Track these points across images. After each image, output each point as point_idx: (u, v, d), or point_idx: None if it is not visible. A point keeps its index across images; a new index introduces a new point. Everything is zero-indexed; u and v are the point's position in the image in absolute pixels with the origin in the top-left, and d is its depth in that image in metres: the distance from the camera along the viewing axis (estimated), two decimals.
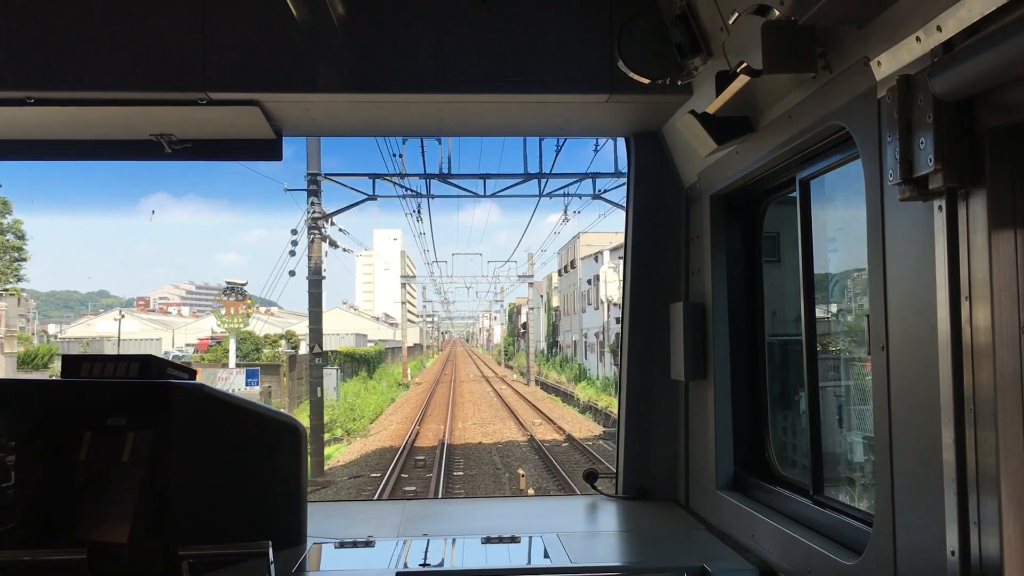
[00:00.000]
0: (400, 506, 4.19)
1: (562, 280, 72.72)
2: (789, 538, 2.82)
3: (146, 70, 3.38)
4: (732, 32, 2.77)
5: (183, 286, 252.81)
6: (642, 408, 4.17)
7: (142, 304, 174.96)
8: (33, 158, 3.99)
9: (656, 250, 4.11)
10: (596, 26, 3.47)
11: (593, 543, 3.48)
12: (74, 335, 66.37)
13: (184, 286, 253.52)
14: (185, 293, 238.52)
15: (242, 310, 35.36)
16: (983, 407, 1.87)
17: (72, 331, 79.45)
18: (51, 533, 2.96)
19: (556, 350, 73.94)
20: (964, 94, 1.82)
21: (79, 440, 3.05)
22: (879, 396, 2.25)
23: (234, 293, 35.67)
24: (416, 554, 3.18)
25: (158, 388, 3.04)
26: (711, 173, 3.58)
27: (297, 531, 3.29)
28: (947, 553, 1.94)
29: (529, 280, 66.70)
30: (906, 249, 2.11)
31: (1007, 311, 1.87)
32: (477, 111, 3.81)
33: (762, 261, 3.64)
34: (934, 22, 1.89)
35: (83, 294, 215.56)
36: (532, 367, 61.55)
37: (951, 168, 1.86)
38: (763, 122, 2.95)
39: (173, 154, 3.87)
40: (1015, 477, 1.84)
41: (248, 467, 3.18)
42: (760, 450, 3.57)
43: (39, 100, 3.40)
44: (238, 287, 35.91)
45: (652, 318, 4.09)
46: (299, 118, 3.79)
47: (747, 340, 3.65)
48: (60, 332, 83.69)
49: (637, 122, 3.97)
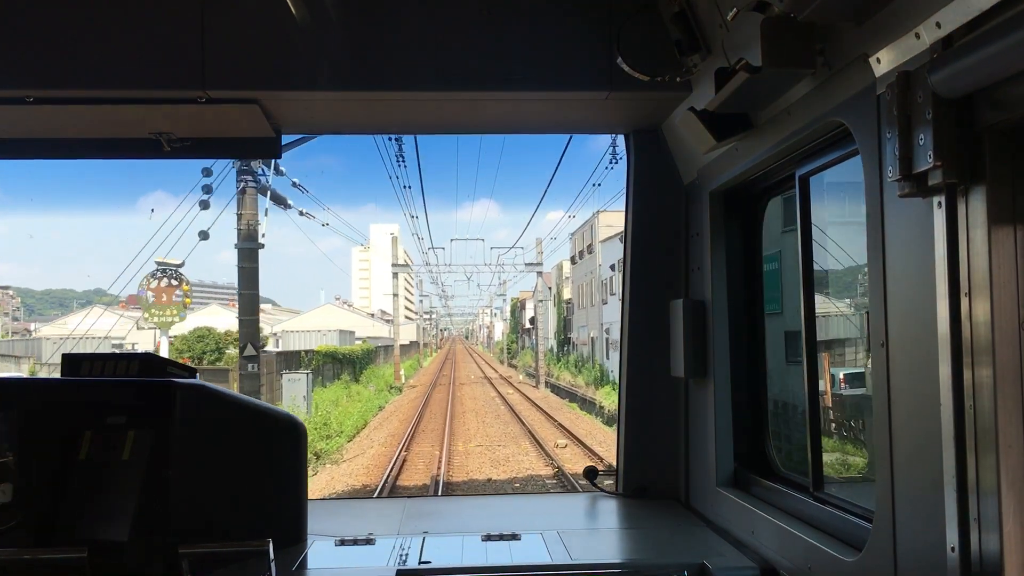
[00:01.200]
0: (400, 504, 4.20)
1: (576, 269, 64.52)
2: (789, 535, 2.82)
3: (145, 69, 3.38)
4: (731, 29, 2.77)
5: None
6: (642, 405, 4.17)
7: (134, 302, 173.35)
8: (33, 157, 3.98)
9: (656, 247, 4.11)
10: (595, 23, 3.47)
11: (593, 540, 3.48)
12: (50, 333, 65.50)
13: None
14: None
15: (176, 299, 26.27)
16: (983, 403, 1.88)
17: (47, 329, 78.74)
18: (51, 533, 2.96)
19: (568, 348, 66.84)
20: (963, 90, 1.82)
21: (79, 439, 3.05)
22: (879, 392, 2.25)
23: (165, 276, 26.08)
24: (416, 552, 3.18)
25: (159, 387, 3.04)
26: (711, 170, 3.58)
27: (297, 529, 3.29)
28: (947, 549, 1.94)
29: (537, 269, 57.15)
30: (906, 246, 2.11)
31: (1007, 307, 1.87)
32: (476, 108, 3.80)
33: (762, 257, 3.64)
34: (933, 18, 1.88)
35: (79, 292, 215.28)
36: (542, 367, 54.13)
37: (950, 164, 1.86)
38: (762, 119, 2.95)
39: (172, 152, 3.86)
40: (1015, 473, 1.85)
41: (248, 465, 3.18)
42: (760, 447, 3.58)
43: (39, 99, 3.39)
44: (171, 269, 26.18)
45: (652, 315, 4.09)
46: (298, 116, 3.79)
47: (747, 337, 3.65)
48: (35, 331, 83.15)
49: (636, 119, 3.96)
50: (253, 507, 3.16)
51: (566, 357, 62.83)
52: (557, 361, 62.94)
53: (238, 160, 19.57)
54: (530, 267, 57.07)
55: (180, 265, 26.51)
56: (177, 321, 27.12)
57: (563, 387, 48.61)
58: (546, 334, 60.16)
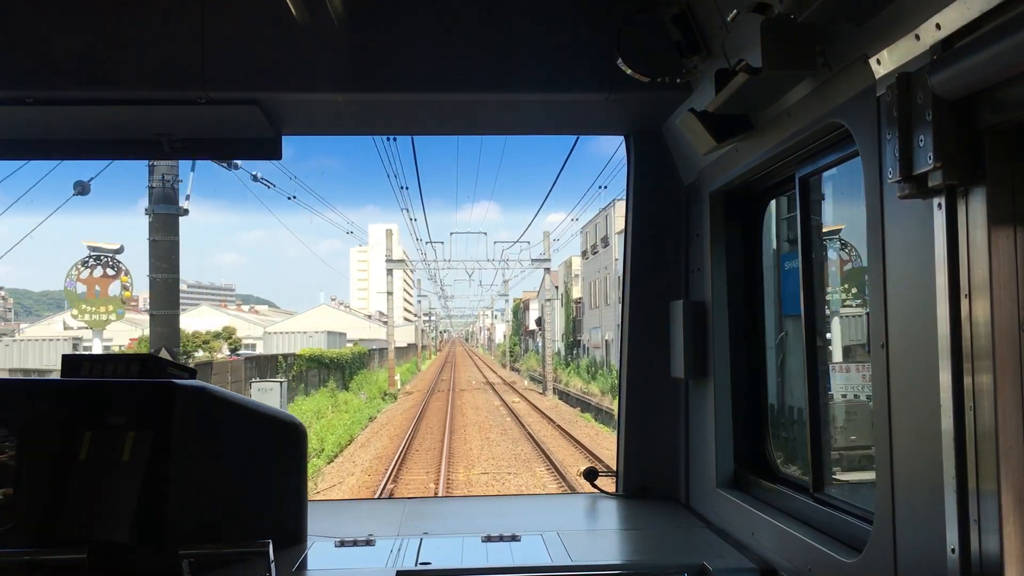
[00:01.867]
0: (400, 505, 4.20)
1: (587, 265, 60.72)
2: (789, 536, 2.82)
3: (145, 69, 3.38)
4: (731, 30, 2.78)
5: None
6: (642, 406, 4.17)
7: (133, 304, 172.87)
8: (33, 158, 3.99)
9: (656, 248, 4.12)
10: (595, 24, 3.48)
11: (593, 541, 3.48)
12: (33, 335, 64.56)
13: None
14: None
15: (112, 292, 20.17)
16: (983, 404, 1.88)
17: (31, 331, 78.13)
18: (51, 533, 2.96)
19: (578, 351, 62.63)
20: (963, 92, 1.82)
21: (79, 439, 3.05)
22: (879, 393, 2.25)
23: (100, 265, 20.24)
24: (416, 553, 3.18)
25: (159, 387, 3.04)
26: (711, 171, 3.59)
27: (297, 530, 3.29)
28: (947, 551, 1.94)
29: (545, 265, 53.09)
30: (906, 247, 2.11)
31: (1007, 308, 1.87)
32: (476, 110, 3.81)
33: (762, 258, 3.65)
34: (933, 20, 1.89)
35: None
36: (549, 372, 50.23)
37: (950, 166, 1.87)
38: (762, 120, 2.95)
39: (172, 153, 3.87)
40: (1015, 474, 1.85)
41: (248, 466, 3.18)
42: (760, 448, 3.58)
43: (39, 99, 3.39)
44: (106, 256, 20.18)
45: (652, 316, 4.09)
46: (298, 117, 3.79)
47: (747, 338, 3.65)
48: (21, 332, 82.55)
49: (637, 120, 3.97)
50: (253, 508, 3.16)
51: (576, 361, 59.03)
52: (566, 366, 58.79)
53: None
54: (537, 263, 53.51)
55: (118, 251, 20.41)
56: (113, 319, 20.81)
57: (574, 394, 44.32)
58: (553, 336, 56.31)
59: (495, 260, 56.23)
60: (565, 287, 69.30)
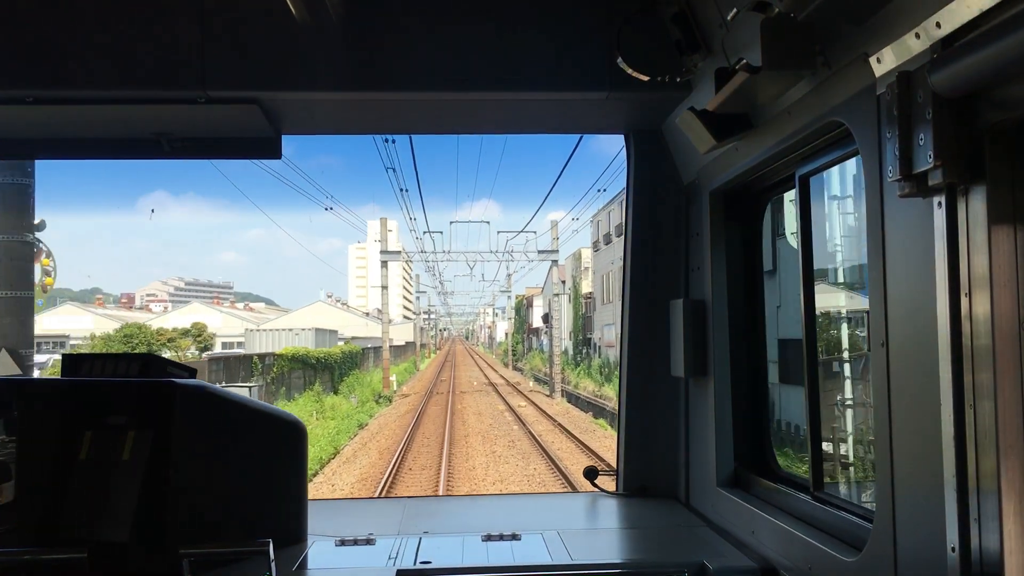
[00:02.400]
0: (400, 504, 4.20)
1: (598, 257, 56.78)
2: (789, 535, 2.82)
3: (145, 69, 3.38)
4: (731, 29, 2.77)
5: (171, 282, 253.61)
6: (642, 405, 4.17)
7: (125, 301, 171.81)
8: (33, 157, 3.99)
9: (656, 247, 4.12)
10: (595, 23, 3.47)
11: (594, 540, 3.49)
12: None
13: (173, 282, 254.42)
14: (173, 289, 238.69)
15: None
16: (983, 403, 1.88)
17: None
18: (51, 533, 2.96)
19: (588, 350, 58.19)
20: (963, 90, 1.82)
21: (79, 439, 3.05)
22: (879, 392, 2.25)
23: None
24: (416, 552, 3.18)
25: (159, 387, 3.04)
26: (711, 170, 3.59)
27: (298, 529, 3.29)
28: (947, 549, 1.94)
29: (552, 257, 49.64)
30: (906, 246, 2.11)
31: (1007, 307, 1.87)
32: (476, 109, 3.80)
33: (762, 257, 3.65)
34: (933, 18, 1.89)
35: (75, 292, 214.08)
36: (557, 374, 46.98)
37: (951, 164, 1.87)
38: (762, 119, 2.95)
39: (172, 152, 3.87)
40: (1015, 473, 1.85)
41: (248, 465, 3.18)
42: (760, 447, 3.58)
43: (38, 99, 3.39)
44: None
45: (652, 315, 4.10)
46: (298, 116, 3.79)
47: (747, 336, 3.65)
48: None
49: (636, 119, 3.97)
50: (253, 507, 3.16)
51: (585, 361, 55.29)
52: (575, 366, 55.01)
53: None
54: (544, 254, 49.99)
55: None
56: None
57: (584, 397, 41.07)
58: (560, 334, 51.81)
59: (498, 252, 52.37)
60: (573, 281, 65.20)
